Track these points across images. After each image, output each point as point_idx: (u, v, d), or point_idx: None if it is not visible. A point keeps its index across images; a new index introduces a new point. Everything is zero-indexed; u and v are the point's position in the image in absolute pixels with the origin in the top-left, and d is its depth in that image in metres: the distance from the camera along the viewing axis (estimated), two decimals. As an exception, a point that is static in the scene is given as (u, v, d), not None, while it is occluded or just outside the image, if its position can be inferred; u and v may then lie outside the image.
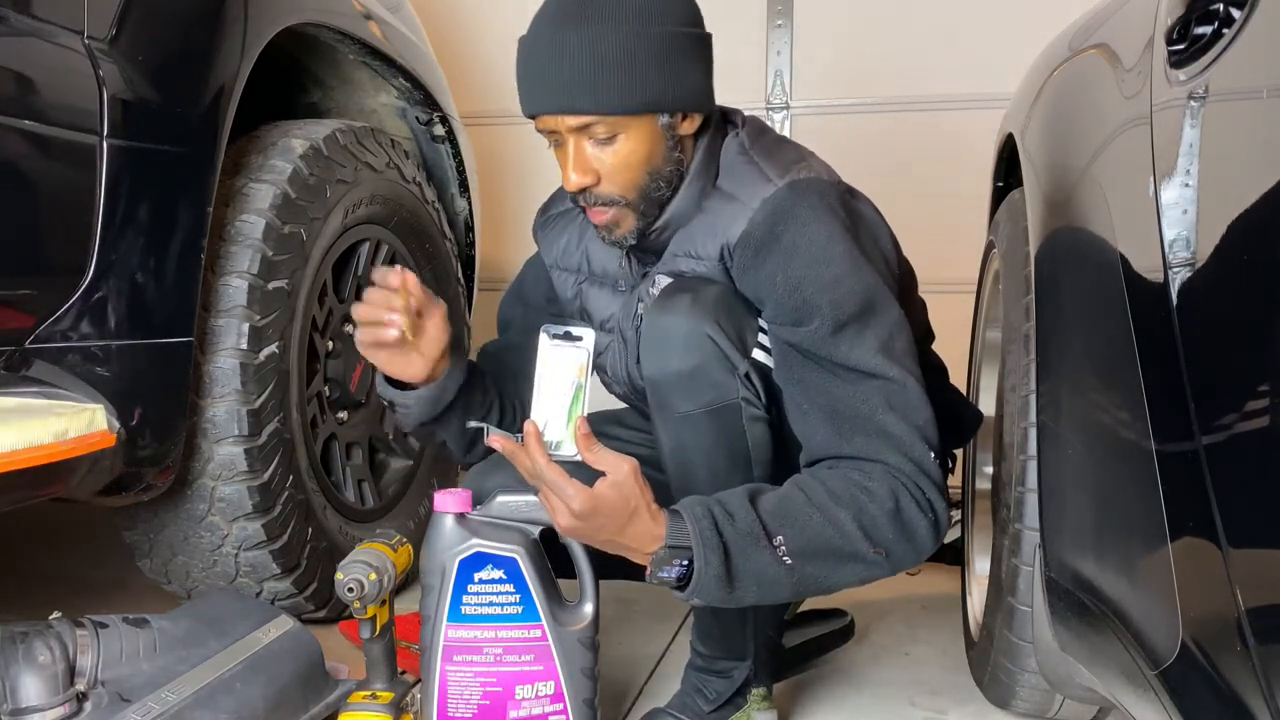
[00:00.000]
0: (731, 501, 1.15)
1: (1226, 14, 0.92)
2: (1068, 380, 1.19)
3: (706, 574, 1.12)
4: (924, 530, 1.19)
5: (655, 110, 1.24)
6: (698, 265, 1.31)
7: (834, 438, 1.22)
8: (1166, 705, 0.86)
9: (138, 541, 1.73)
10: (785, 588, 1.17)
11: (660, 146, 1.26)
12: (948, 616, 1.92)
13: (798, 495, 1.18)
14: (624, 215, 1.29)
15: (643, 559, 1.14)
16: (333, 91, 2.20)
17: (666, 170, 1.28)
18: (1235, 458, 0.80)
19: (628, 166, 1.25)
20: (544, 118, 1.25)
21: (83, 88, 1.35)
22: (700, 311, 1.24)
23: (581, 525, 1.12)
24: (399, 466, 2.16)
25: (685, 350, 1.24)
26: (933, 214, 2.66)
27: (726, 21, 2.92)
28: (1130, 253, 1.00)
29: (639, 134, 1.24)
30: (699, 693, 1.42)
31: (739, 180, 1.30)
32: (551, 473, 1.11)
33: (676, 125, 1.27)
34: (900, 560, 1.20)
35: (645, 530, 1.12)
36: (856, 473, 1.19)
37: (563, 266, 1.50)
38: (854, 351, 1.21)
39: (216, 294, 1.62)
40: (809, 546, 1.15)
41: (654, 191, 1.28)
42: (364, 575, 1.26)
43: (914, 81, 2.83)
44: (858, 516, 1.16)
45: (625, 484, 1.11)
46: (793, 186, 1.26)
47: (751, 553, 1.13)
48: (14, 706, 1.14)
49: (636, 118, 1.23)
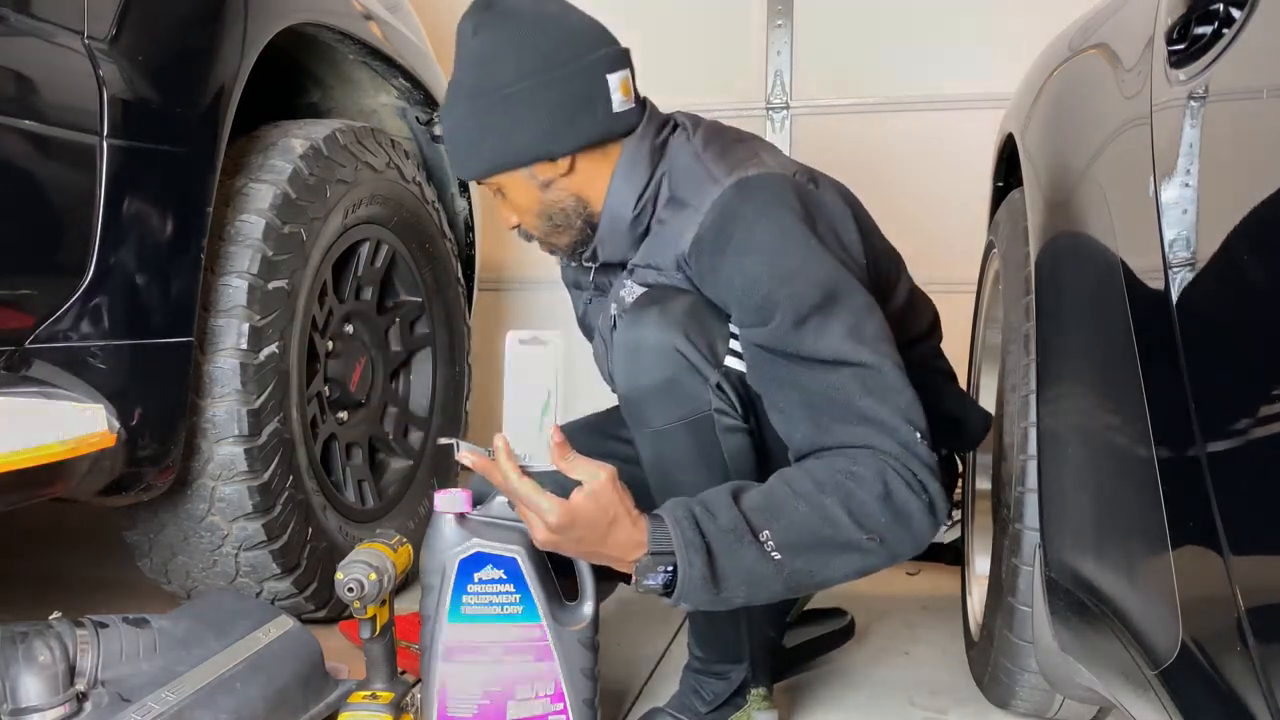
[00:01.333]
0: (713, 500, 1.13)
1: (1226, 14, 0.92)
2: (1068, 380, 1.19)
3: (691, 576, 1.09)
4: (919, 512, 1.15)
5: (499, 170, 1.32)
6: (660, 276, 1.31)
7: (815, 431, 1.19)
8: (1166, 705, 0.86)
9: (138, 541, 1.73)
10: (776, 585, 1.14)
11: (534, 193, 1.34)
12: (948, 616, 1.92)
13: (782, 488, 1.15)
14: (547, 246, 1.41)
15: (627, 567, 1.12)
16: (333, 91, 2.20)
17: (557, 209, 1.35)
18: (1235, 457, 0.79)
19: (522, 212, 1.37)
20: None
21: (83, 88, 1.35)
22: (668, 324, 1.23)
23: (559, 539, 1.10)
24: (399, 466, 2.16)
25: (655, 365, 1.23)
26: (933, 214, 2.67)
27: (726, 21, 2.96)
28: (1130, 253, 1.00)
29: (512, 187, 1.34)
30: (697, 694, 1.42)
31: (690, 186, 1.30)
32: (524, 488, 1.09)
33: (540, 172, 1.32)
34: (897, 547, 1.15)
35: (627, 538, 1.10)
36: (842, 459, 1.16)
37: (575, 286, 1.55)
38: (820, 341, 1.18)
39: (216, 294, 1.62)
40: (798, 539, 1.12)
41: (554, 228, 1.37)
42: (364, 575, 1.26)
43: (914, 81, 2.83)
44: (845, 503, 1.12)
45: (602, 493, 1.08)
46: (739, 185, 1.26)
47: (736, 550, 1.10)
48: (14, 706, 1.14)
49: (499, 176, 1.33)
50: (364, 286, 2.04)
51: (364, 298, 2.04)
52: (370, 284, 2.05)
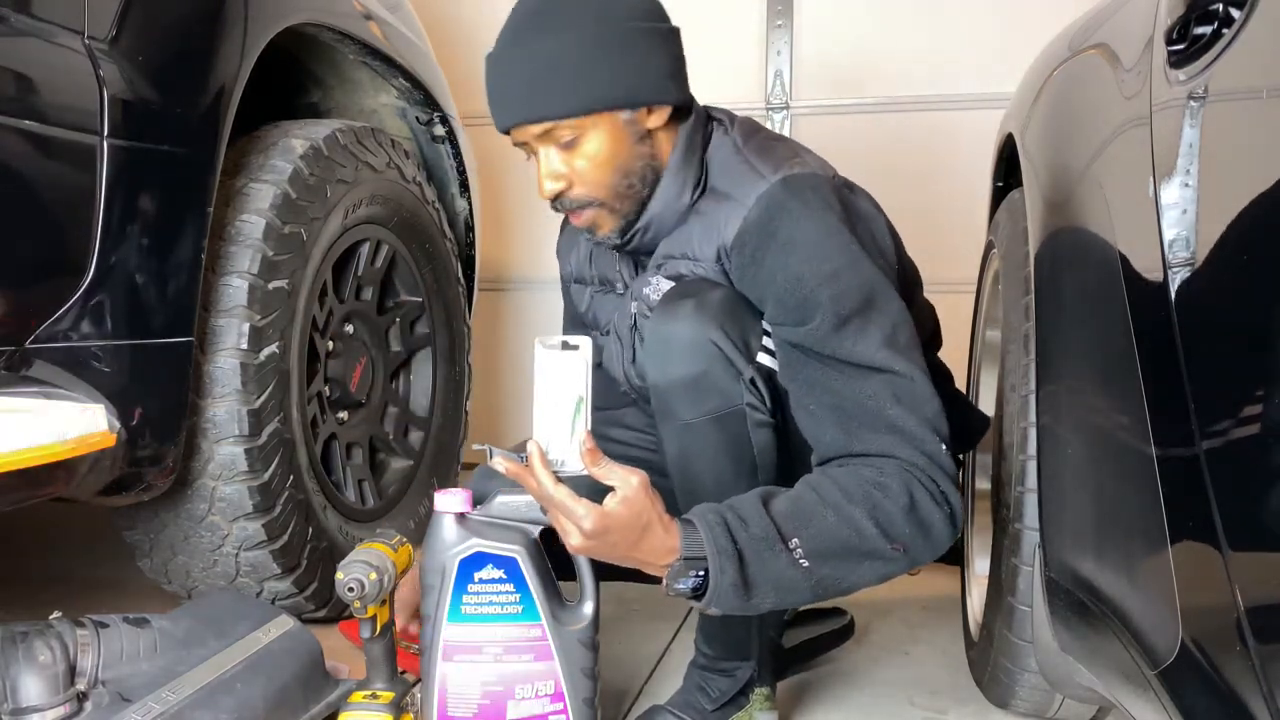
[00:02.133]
0: (744, 507, 1.14)
1: (1226, 14, 0.92)
2: (1067, 380, 1.19)
3: (723, 583, 1.10)
4: (940, 523, 1.17)
5: (609, 107, 1.25)
6: (696, 267, 1.30)
7: (843, 436, 1.20)
8: (1166, 705, 0.86)
9: (138, 541, 1.73)
10: (803, 591, 1.15)
11: (626, 143, 1.27)
12: (948, 616, 1.92)
13: (811, 496, 1.16)
14: (601, 216, 1.31)
15: (658, 571, 1.13)
16: (333, 91, 2.20)
17: (638, 166, 1.29)
18: (1235, 457, 0.80)
19: (596, 167, 1.27)
20: (510, 133, 1.27)
21: (83, 88, 1.35)
22: (705, 317, 1.23)
23: (595, 544, 1.11)
24: (399, 466, 2.16)
25: (689, 357, 1.23)
26: (933, 214, 2.66)
27: (726, 21, 2.95)
28: (1130, 253, 1.00)
29: (601, 133, 1.26)
30: (702, 691, 1.42)
31: (732, 179, 1.30)
32: (560, 494, 1.10)
33: (641, 120, 1.27)
34: (918, 555, 1.18)
35: (659, 543, 1.11)
36: (869, 469, 1.17)
37: (578, 280, 1.52)
38: (858, 346, 1.20)
39: (217, 294, 1.62)
40: (825, 547, 1.14)
41: (627, 189, 1.29)
42: (364, 575, 1.25)
43: (914, 81, 2.83)
44: (873, 513, 1.14)
45: (636, 499, 1.09)
46: (786, 182, 1.26)
47: (767, 558, 1.12)
48: (14, 706, 1.14)
49: (595, 117, 1.25)
50: (364, 286, 2.04)
51: (364, 298, 2.04)
52: (370, 284, 2.05)
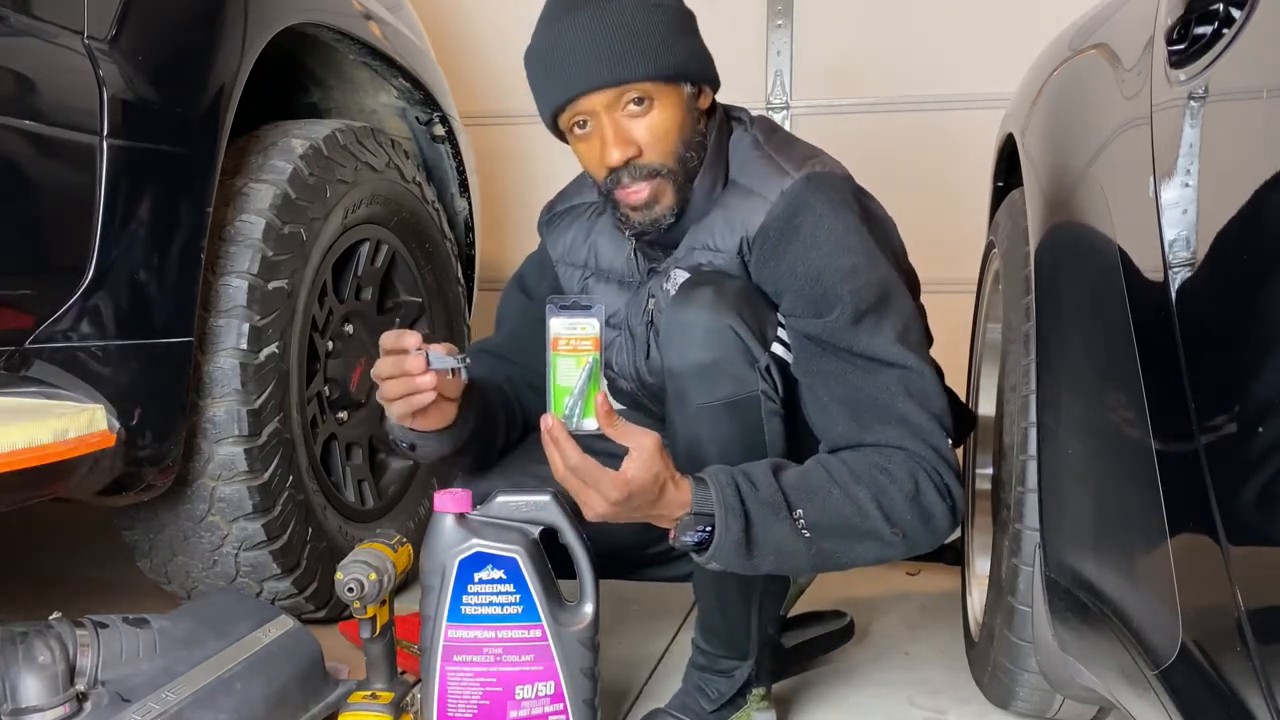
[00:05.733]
0: (755, 472, 1.18)
1: (1226, 14, 0.92)
2: (1068, 380, 1.19)
3: (726, 539, 1.14)
4: (941, 514, 1.22)
5: (682, 78, 1.30)
6: (715, 258, 1.33)
7: (854, 427, 1.24)
8: (1166, 705, 0.86)
9: (138, 541, 1.73)
10: (802, 560, 1.19)
11: (690, 118, 1.31)
12: (948, 616, 1.92)
13: (820, 472, 1.21)
14: (664, 188, 1.30)
15: (667, 523, 1.16)
16: (333, 91, 2.20)
17: (695, 141, 1.32)
18: (1235, 457, 0.79)
19: (666, 134, 1.29)
20: (576, 102, 1.27)
21: (83, 88, 1.35)
22: (723, 304, 1.25)
23: (619, 510, 1.13)
24: (399, 466, 2.16)
25: (707, 342, 1.25)
26: (933, 214, 2.66)
27: (726, 21, 2.95)
28: (1130, 253, 1.00)
29: (671, 101, 1.29)
30: (701, 692, 1.42)
31: (755, 174, 1.33)
32: (587, 465, 1.11)
33: (697, 100, 1.32)
34: (916, 542, 1.22)
35: (672, 499, 1.14)
36: (877, 455, 1.22)
37: (569, 261, 1.51)
38: (873, 341, 1.24)
39: (216, 294, 1.62)
40: (828, 522, 1.18)
41: (690, 162, 1.32)
42: (364, 575, 1.26)
43: (914, 81, 2.83)
44: (877, 496, 1.19)
45: (652, 461, 1.11)
46: (810, 179, 1.30)
47: (772, 523, 1.16)
48: (14, 706, 1.14)
49: (668, 85, 1.28)
50: (364, 286, 2.04)
51: (364, 298, 2.04)
52: (370, 284, 2.05)
